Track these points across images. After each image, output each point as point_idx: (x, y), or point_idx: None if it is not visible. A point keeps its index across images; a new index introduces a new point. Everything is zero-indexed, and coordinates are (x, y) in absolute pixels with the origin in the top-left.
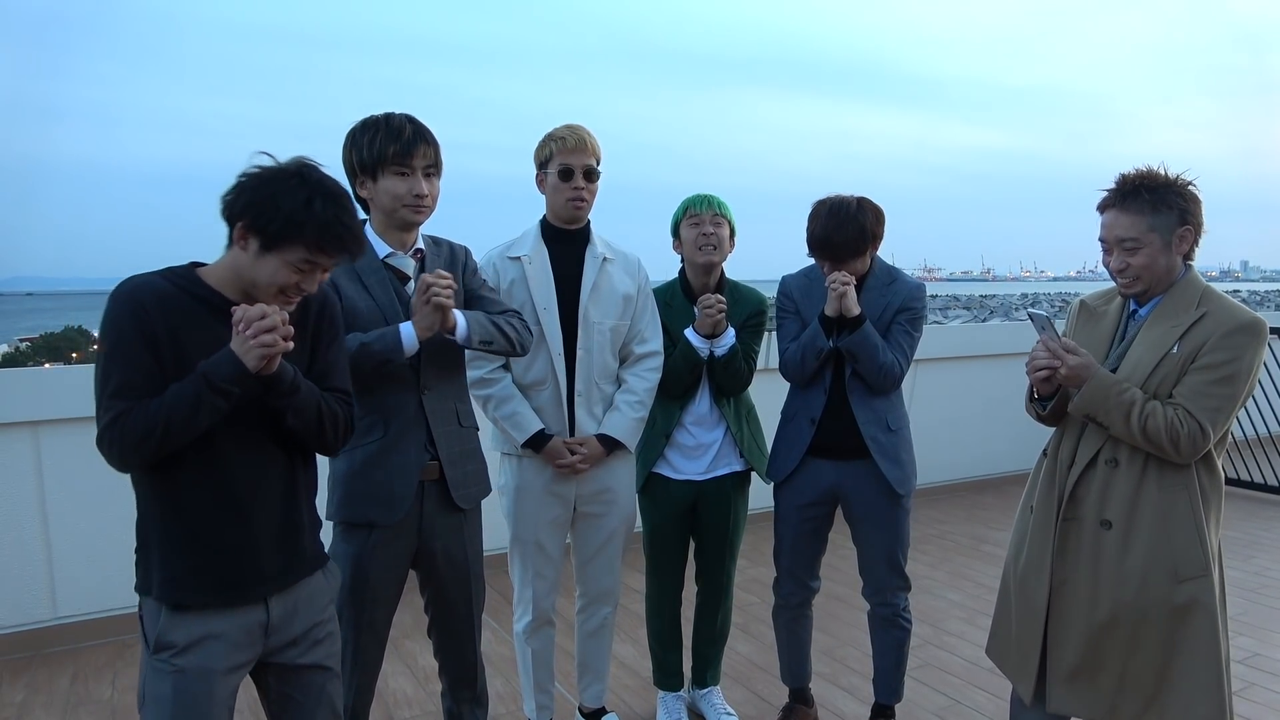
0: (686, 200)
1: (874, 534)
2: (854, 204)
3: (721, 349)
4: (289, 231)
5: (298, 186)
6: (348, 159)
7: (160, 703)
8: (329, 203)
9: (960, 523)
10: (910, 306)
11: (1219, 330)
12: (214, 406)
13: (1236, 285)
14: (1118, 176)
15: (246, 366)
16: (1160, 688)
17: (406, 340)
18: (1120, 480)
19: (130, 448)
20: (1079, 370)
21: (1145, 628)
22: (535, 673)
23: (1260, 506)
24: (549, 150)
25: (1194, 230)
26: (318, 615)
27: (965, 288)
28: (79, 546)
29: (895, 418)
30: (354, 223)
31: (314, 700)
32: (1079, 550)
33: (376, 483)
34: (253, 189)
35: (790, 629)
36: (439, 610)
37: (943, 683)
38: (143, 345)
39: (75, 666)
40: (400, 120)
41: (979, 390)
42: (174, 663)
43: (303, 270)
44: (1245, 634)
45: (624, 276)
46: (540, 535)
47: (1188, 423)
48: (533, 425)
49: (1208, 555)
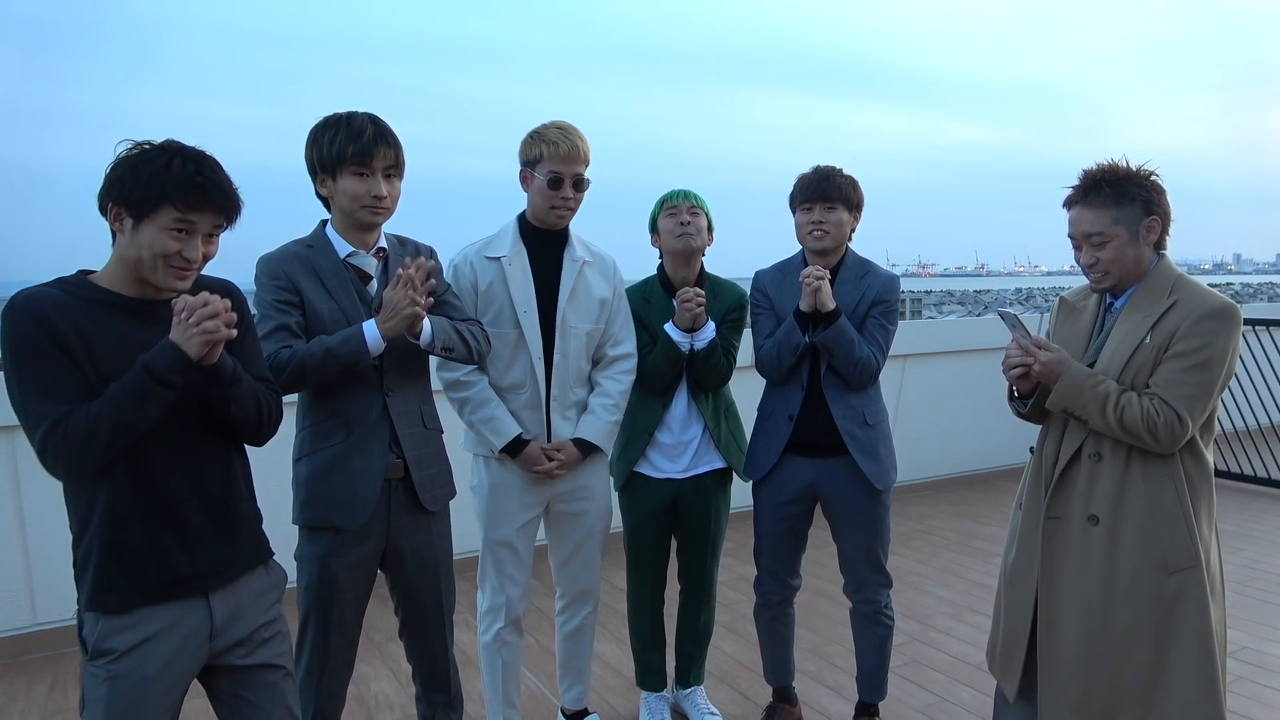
0: (664, 195)
1: (853, 531)
2: (839, 166)
3: (701, 342)
4: (152, 192)
5: (156, 155)
6: (309, 156)
7: (96, 706)
8: (188, 160)
9: (949, 518)
10: (884, 299)
11: (1190, 317)
12: (160, 397)
13: (1230, 278)
14: (1080, 172)
15: (189, 355)
16: (1156, 689)
17: (372, 342)
18: (1104, 474)
19: (76, 452)
20: (1052, 365)
21: (1137, 624)
22: (504, 686)
23: (1251, 499)
24: (539, 152)
25: (1161, 220)
26: (264, 615)
27: (959, 283)
28: (57, 552)
29: (873, 412)
30: (218, 177)
31: (268, 700)
32: (1066, 548)
33: (339, 487)
34: (113, 169)
35: (772, 628)
36: (409, 611)
37: (929, 680)
38: (56, 350)
39: (54, 673)
40: (362, 120)
41: (969, 385)
42: (109, 669)
43: (179, 234)
44: (1234, 627)
45: (600, 280)
46: (514, 537)
47: (1164, 412)
48: (510, 430)
49: (1196, 546)
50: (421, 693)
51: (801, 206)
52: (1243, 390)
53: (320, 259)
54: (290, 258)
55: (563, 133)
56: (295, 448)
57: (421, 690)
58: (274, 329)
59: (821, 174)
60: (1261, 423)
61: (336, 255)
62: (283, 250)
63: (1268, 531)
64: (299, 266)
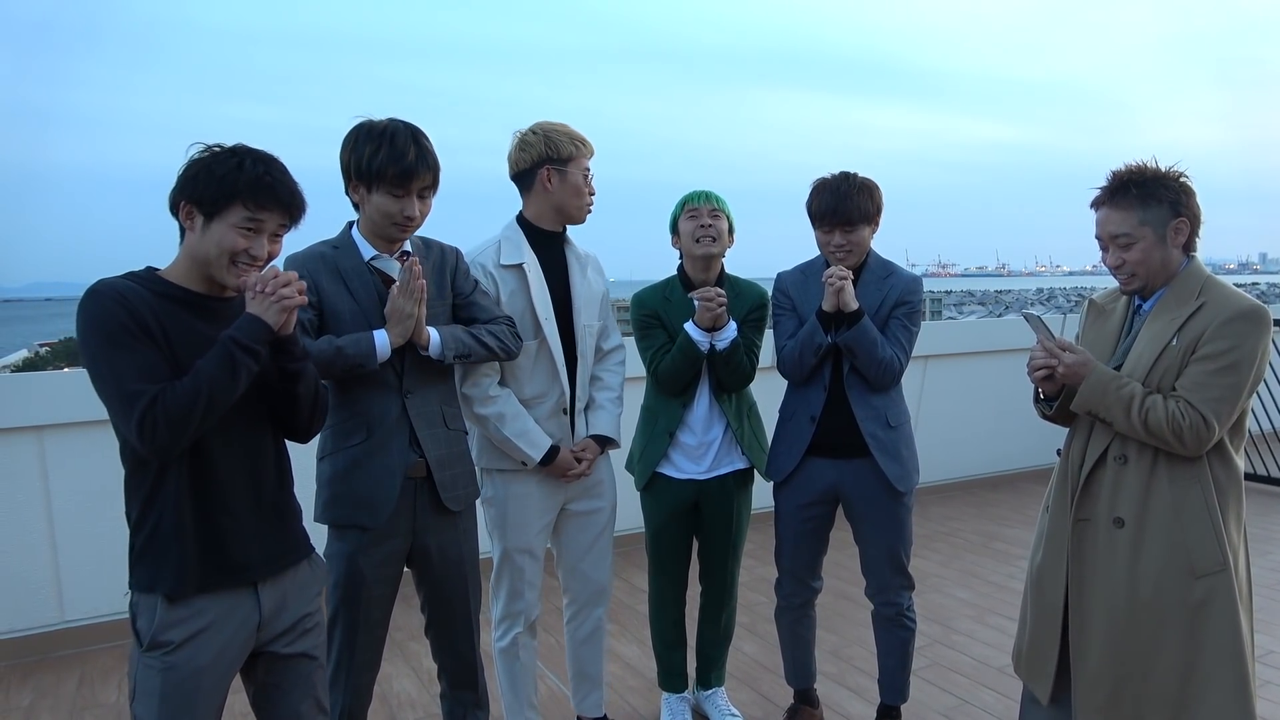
0: (685, 196)
1: (875, 533)
2: (855, 174)
3: (723, 342)
4: (224, 191)
5: (228, 156)
6: (345, 160)
7: (150, 697)
8: (258, 162)
9: (971, 520)
10: (907, 300)
11: (1217, 319)
12: (247, 367)
13: (1255, 278)
14: (1109, 173)
15: (269, 323)
16: (1186, 694)
17: (380, 347)
18: (1130, 477)
19: (175, 424)
20: (1076, 368)
21: (1165, 628)
22: (522, 689)
23: (1276, 501)
24: (570, 150)
25: (1190, 221)
26: (307, 606)
27: (980, 283)
28: (85, 550)
29: (895, 414)
30: (287, 179)
31: (299, 691)
32: (1094, 551)
33: (360, 486)
34: (187, 169)
35: (793, 630)
36: (435, 609)
37: (951, 683)
38: (142, 333)
39: (82, 670)
40: (405, 140)
41: (992, 386)
42: (166, 659)
43: (248, 232)
44: (1261, 631)
45: (596, 276)
46: (533, 542)
47: (1189, 414)
48: (545, 441)
49: (1224, 550)
50: (448, 690)
51: (821, 228)
52: (1269, 392)
53: (345, 260)
54: (315, 258)
55: (575, 131)
56: (319, 447)
57: (448, 688)
58: None
59: (839, 194)
60: None
61: (361, 258)
62: (309, 251)
63: None
64: (323, 267)
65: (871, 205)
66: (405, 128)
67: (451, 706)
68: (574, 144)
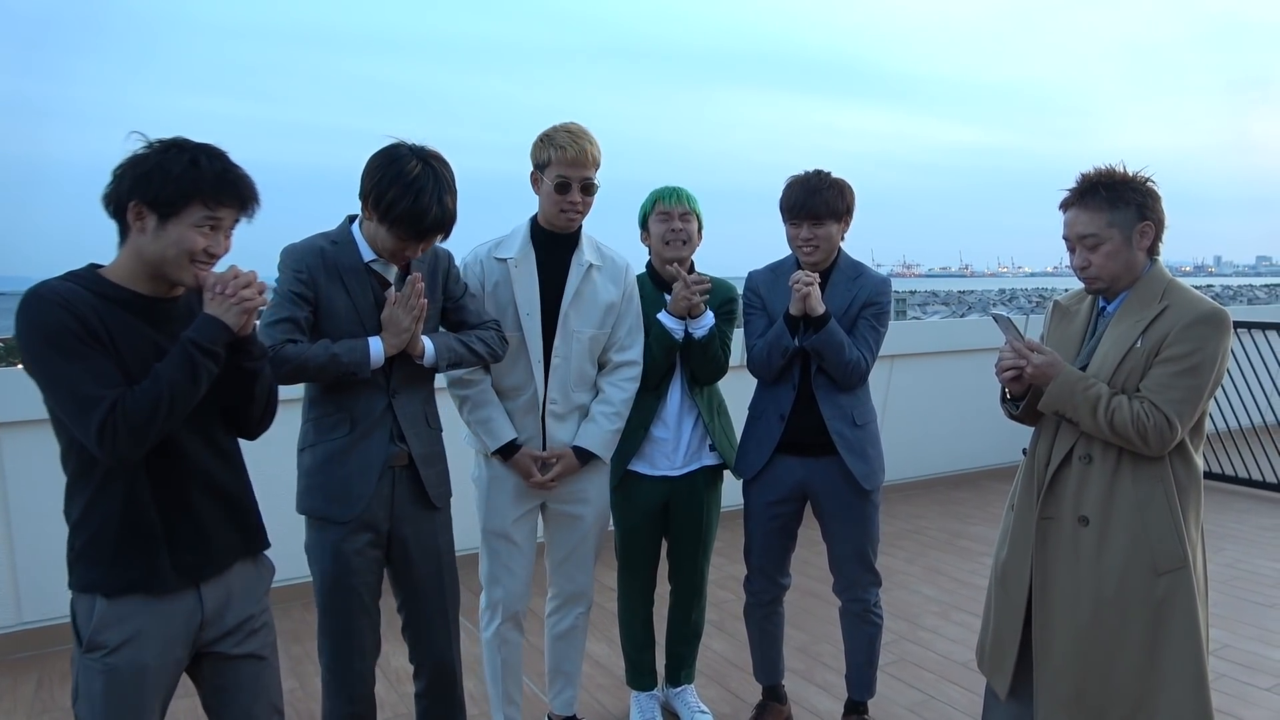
0: (655, 192)
1: (843, 530)
2: (828, 172)
3: (701, 330)
4: (182, 190)
5: (179, 153)
6: (365, 185)
7: (92, 699)
8: (213, 158)
9: (936, 518)
10: (876, 301)
11: (1180, 322)
12: (207, 370)
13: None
14: (1078, 175)
15: (229, 325)
16: (1146, 689)
17: (374, 356)
18: (1095, 476)
19: (137, 431)
20: (1044, 368)
21: (1128, 625)
22: (504, 682)
23: (1232, 499)
24: (548, 155)
25: (1155, 225)
26: (253, 606)
27: (943, 283)
28: (43, 551)
29: (861, 413)
30: (244, 173)
31: (250, 692)
32: (1058, 549)
33: (337, 479)
34: (134, 168)
35: (762, 626)
36: (412, 604)
37: (916, 678)
38: (90, 339)
39: (40, 672)
40: (429, 200)
41: (956, 385)
42: (106, 661)
43: (207, 230)
44: (1216, 625)
45: (609, 284)
46: (510, 529)
47: (1154, 415)
48: (505, 434)
49: (1185, 548)
50: (424, 690)
51: (790, 221)
52: (1224, 392)
53: (343, 258)
54: (314, 253)
55: (571, 137)
56: (300, 438)
57: (424, 688)
58: (283, 319)
59: (809, 188)
60: (1243, 424)
61: (360, 258)
62: (308, 243)
63: (1249, 531)
64: (321, 263)
65: (841, 203)
66: (434, 184)
67: (427, 706)
68: (550, 149)
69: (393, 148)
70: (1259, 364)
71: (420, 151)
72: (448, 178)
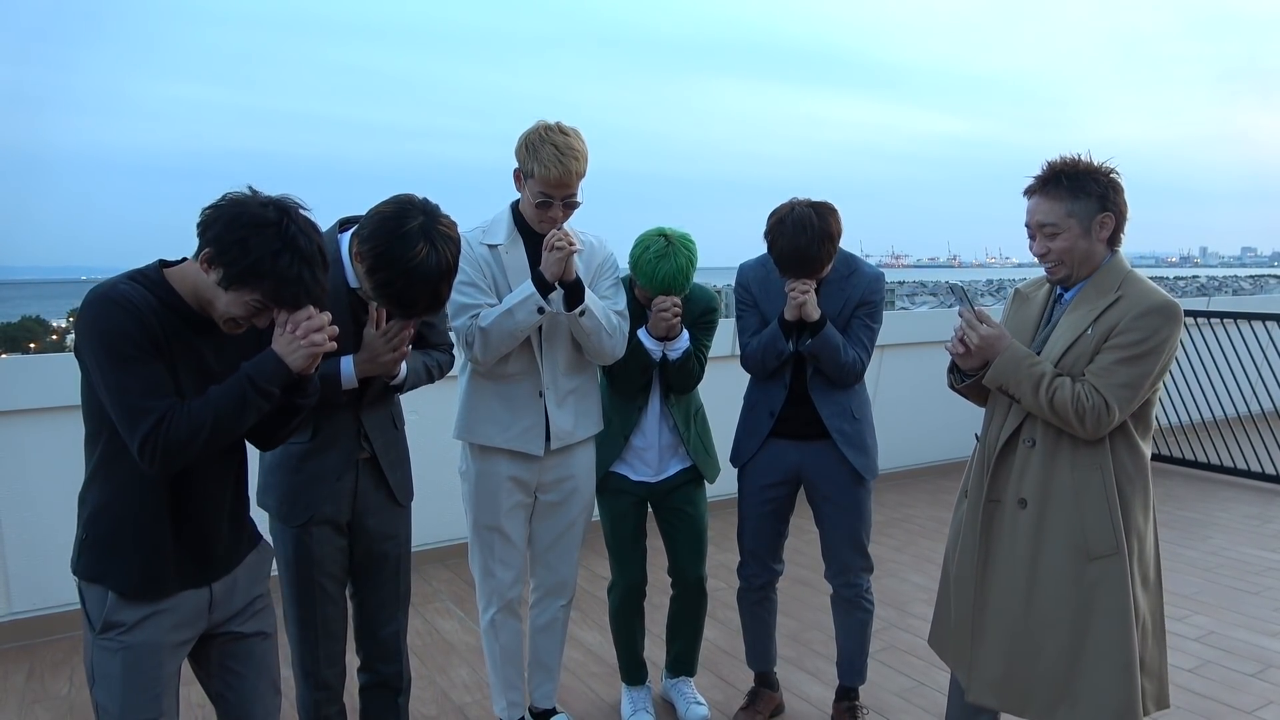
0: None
1: (837, 515)
2: (812, 215)
3: (675, 352)
4: (250, 278)
5: (272, 236)
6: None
7: (110, 680)
8: (295, 259)
9: (924, 506)
10: (869, 300)
11: (1132, 311)
12: (258, 407)
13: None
14: (1044, 163)
15: (290, 367)
16: (1072, 673)
17: (345, 380)
18: (1036, 459)
19: (178, 449)
20: (990, 340)
21: (1058, 609)
22: (504, 669)
23: (1216, 487)
24: (532, 168)
25: (1115, 217)
26: (258, 587)
27: (932, 274)
28: (32, 541)
29: (858, 406)
30: (316, 283)
31: (255, 670)
32: (1000, 531)
33: (290, 485)
34: (227, 223)
35: (754, 612)
36: (365, 593)
37: (906, 665)
38: (152, 348)
39: (31, 663)
40: (424, 290)
41: (944, 375)
42: (122, 640)
43: (256, 311)
44: (1201, 613)
45: (587, 269)
46: (502, 521)
47: (1093, 397)
48: (528, 285)
49: (1119, 535)
50: (369, 683)
51: (783, 274)
52: (1210, 381)
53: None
54: None
55: (556, 155)
56: None
57: (370, 680)
58: None
59: (799, 250)
60: (1229, 414)
61: (345, 279)
62: None
63: (1233, 519)
64: None
65: (832, 246)
66: (436, 270)
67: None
68: (535, 163)
69: (403, 212)
70: (1244, 354)
71: (429, 230)
72: (450, 258)
